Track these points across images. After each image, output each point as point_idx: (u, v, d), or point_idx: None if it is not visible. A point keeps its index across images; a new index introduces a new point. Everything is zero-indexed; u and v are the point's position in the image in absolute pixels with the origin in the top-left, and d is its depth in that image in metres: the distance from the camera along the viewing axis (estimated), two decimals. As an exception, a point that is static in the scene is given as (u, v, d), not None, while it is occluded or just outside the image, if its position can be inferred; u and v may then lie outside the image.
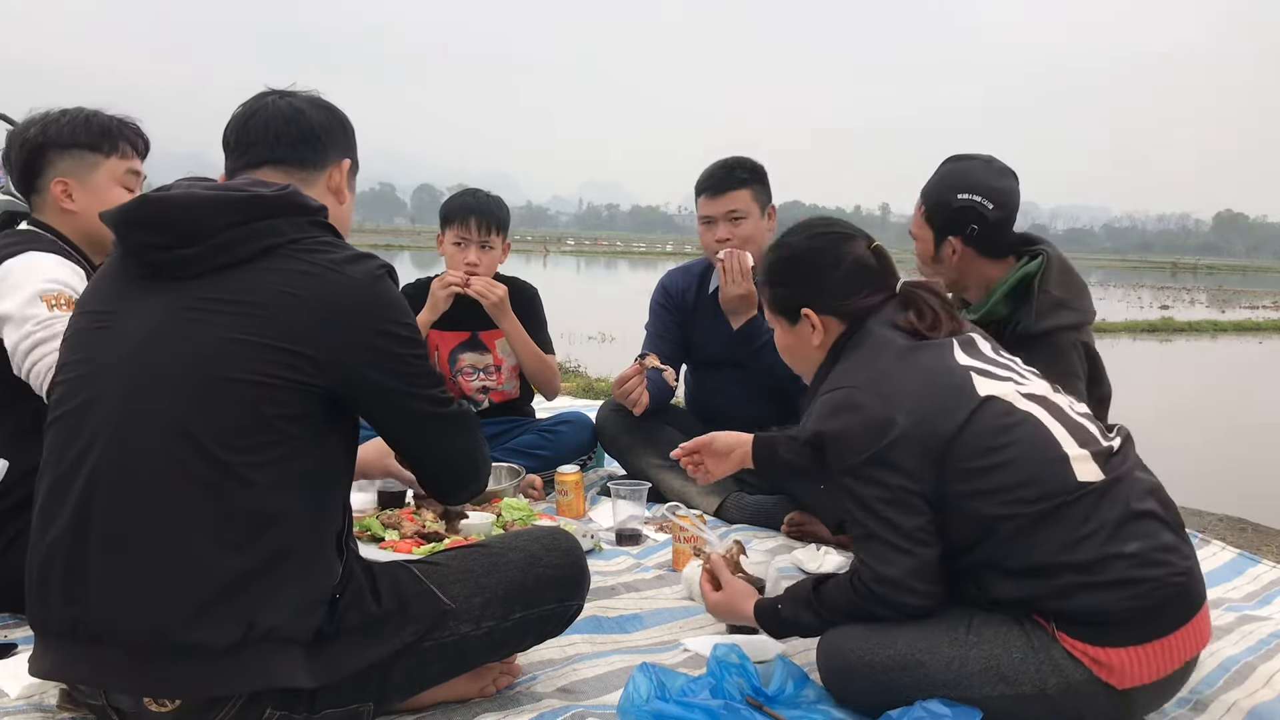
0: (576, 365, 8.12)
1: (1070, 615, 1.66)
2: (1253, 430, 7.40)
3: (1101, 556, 1.63)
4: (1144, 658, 1.66)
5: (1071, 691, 1.66)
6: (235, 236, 1.43)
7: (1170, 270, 62.86)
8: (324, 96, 1.73)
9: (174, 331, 1.42)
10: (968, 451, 1.68)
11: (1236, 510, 3.90)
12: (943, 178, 2.51)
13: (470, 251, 3.33)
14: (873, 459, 1.70)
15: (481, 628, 1.67)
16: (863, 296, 1.89)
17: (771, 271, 2.00)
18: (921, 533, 1.70)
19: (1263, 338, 15.88)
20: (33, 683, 1.79)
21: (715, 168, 3.29)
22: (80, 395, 1.45)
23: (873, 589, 1.73)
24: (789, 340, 2.00)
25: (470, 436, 1.67)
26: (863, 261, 1.92)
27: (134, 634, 1.39)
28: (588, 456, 3.54)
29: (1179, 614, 1.68)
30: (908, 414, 1.70)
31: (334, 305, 1.43)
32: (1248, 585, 2.70)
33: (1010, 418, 1.71)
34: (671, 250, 64.26)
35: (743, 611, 1.99)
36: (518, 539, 1.81)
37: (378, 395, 1.50)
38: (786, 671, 1.80)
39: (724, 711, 1.61)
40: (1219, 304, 24.89)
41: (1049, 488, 1.66)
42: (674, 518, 2.72)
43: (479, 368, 3.50)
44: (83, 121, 2.26)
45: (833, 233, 1.97)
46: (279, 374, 1.40)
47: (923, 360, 1.78)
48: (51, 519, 1.44)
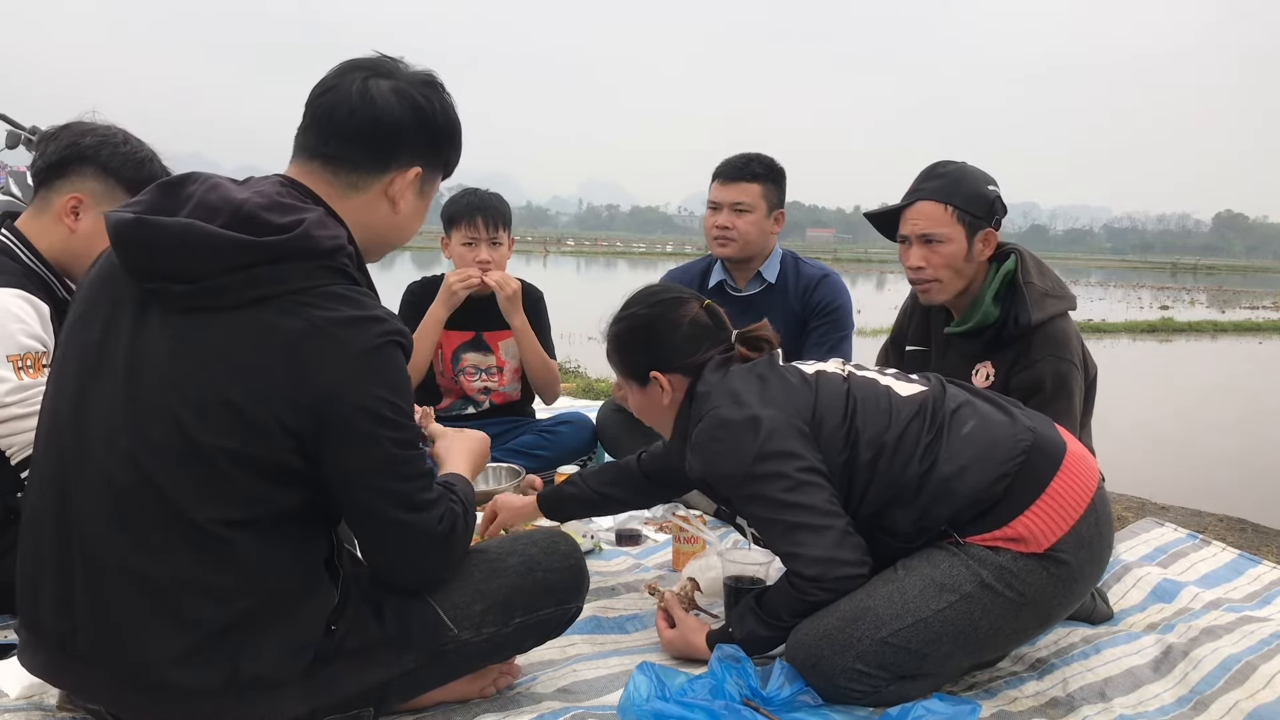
0: (576, 365, 8.12)
1: (961, 516, 1.84)
2: (1253, 431, 7.39)
3: (950, 447, 1.85)
4: (1040, 515, 1.82)
5: (1007, 573, 1.81)
6: (231, 283, 1.32)
7: (1170, 270, 62.87)
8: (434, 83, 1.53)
9: (156, 381, 1.34)
10: (830, 420, 1.89)
11: (1236, 510, 3.90)
12: (960, 176, 2.50)
13: (481, 249, 3.34)
14: (760, 455, 1.84)
15: (482, 634, 1.66)
16: (703, 352, 2.04)
17: (619, 341, 2.13)
18: (831, 504, 1.85)
19: (1263, 338, 15.88)
20: (33, 683, 1.79)
21: (735, 157, 3.34)
22: (61, 418, 1.41)
23: (805, 574, 1.83)
24: (643, 402, 2.14)
25: (441, 559, 1.54)
26: (698, 321, 2.07)
27: (119, 665, 1.38)
28: (588, 456, 3.53)
29: (1045, 464, 1.87)
30: (768, 407, 1.88)
31: (319, 372, 1.32)
32: (1248, 585, 2.69)
33: (845, 382, 1.97)
34: (671, 250, 64.23)
35: (696, 646, 2.03)
36: (516, 543, 1.79)
37: (341, 476, 1.38)
38: (784, 673, 1.80)
39: (724, 711, 1.61)
40: (1219, 304, 24.90)
41: (892, 412, 1.90)
42: (674, 518, 2.72)
43: (481, 368, 3.50)
44: (136, 161, 2.20)
45: (670, 298, 2.11)
46: (253, 438, 1.32)
47: (758, 370, 1.98)
48: (39, 540, 1.43)
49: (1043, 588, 1.82)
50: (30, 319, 2.04)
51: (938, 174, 2.52)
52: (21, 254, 2.14)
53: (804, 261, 3.46)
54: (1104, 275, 50.26)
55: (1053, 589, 1.84)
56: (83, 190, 2.16)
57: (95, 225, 2.15)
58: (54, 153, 2.16)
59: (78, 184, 2.16)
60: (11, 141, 3.88)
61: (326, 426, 1.34)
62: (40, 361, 2.04)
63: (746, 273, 3.40)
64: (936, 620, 1.78)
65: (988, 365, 2.49)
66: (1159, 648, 2.11)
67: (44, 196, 2.19)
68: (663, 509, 2.87)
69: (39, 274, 2.15)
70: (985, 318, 2.45)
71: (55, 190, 2.17)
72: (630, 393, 2.16)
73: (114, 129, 2.21)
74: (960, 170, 2.51)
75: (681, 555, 2.63)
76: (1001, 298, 2.46)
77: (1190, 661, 2.06)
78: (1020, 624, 1.85)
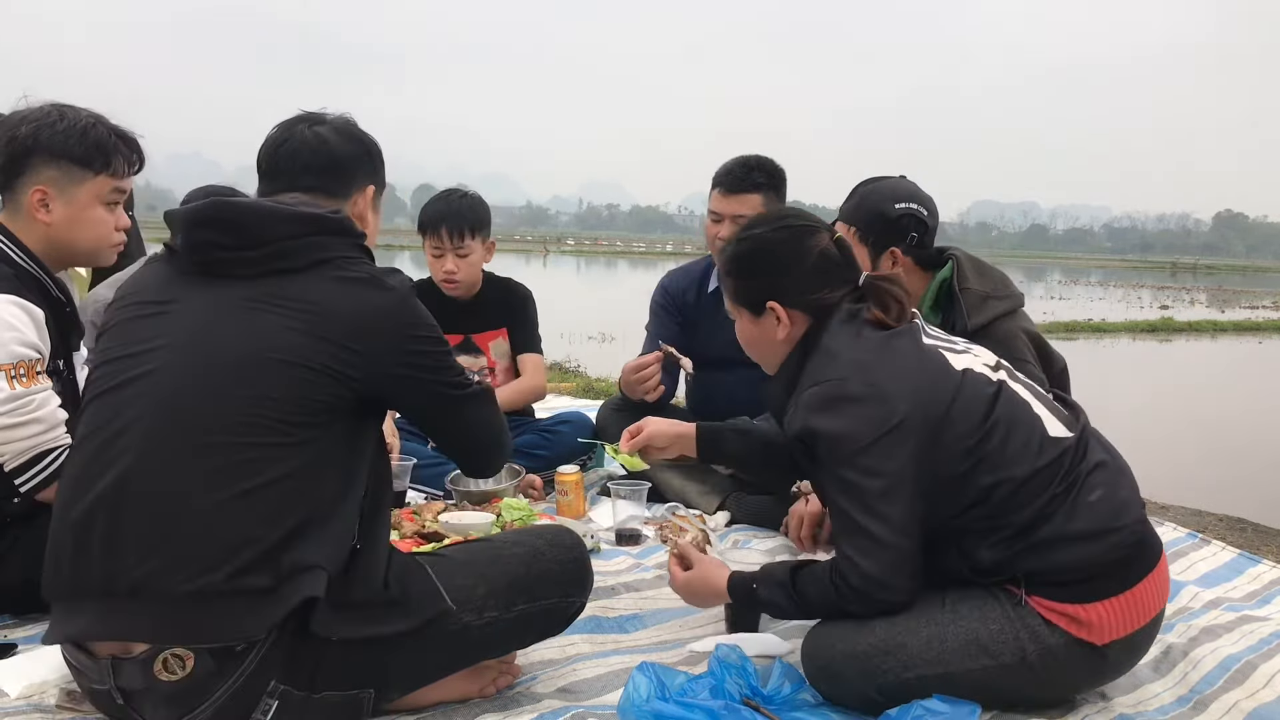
0: (576, 365, 8.12)
1: (1044, 576, 1.72)
2: (1252, 430, 7.40)
3: (1072, 509, 1.71)
4: (1117, 610, 1.72)
5: (1050, 655, 1.72)
6: (293, 247, 1.58)
7: (1170, 270, 62.88)
8: (354, 122, 1.85)
9: (235, 317, 1.55)
10: (959, 427, 1.73)
11: (1236, 510, 3.90)
12: (869, 194, 2.52)
13: (447, 260, 3.32)
14: (871, 447, 1.71)
15: (484, 618, 1.69)
16: (829, 290, 1.89)
17: (737, 263, 1.97)
18: (908, 525, 1.72)
19: (1263, 338, 15.88)
20: (33, 682, 1.79)
21: (736, 165, 3.27)
22: (130, 372, 1.55)
23: (851, 584, 1.74)
24: (752, 332, 1.99)
25: (491, 410, 1.84)
26: (828, 254, 1.91)
27: (175, 583, 1.45)
28: (587, 456, 3.54)
29: (1143, 563, 1.76)
30: (902, 399, 1.72)
31: (376, 311, 1.59)
32: (1248, 585, 2.70)
33: (989, 388, 1.78)
34: (671, 250, 64.28)
35: (716, 582, 1.97)
36: (522, 535, 1.86)
37: (410, 386, 1.66)
38: (784, 673, 1.81)
39: (724, 711, 1.61)
40: (1219, 304, 24.90)
41: (1033, 449, 1.73)
42: (674, 518, 2.72)
43: (473, 370, 3.50)
44: (79, 132, 2.11)
45: (799, 225, 1.95)
46: (327, 363, 1.54)
47: (901, 346, 1.80)
48: (92, 481, 1.51)
49: (1076, 673, 1.77)
50: (25, 326, 2.02)
51: (853, 193, 2.56)
52: (14, 255, 2.11)
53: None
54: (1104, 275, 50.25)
55: (1084, 676, 1.80)
56: (42, 181, 2.11)
57: (68, 211, 2.14)
58: None
59: (34, 177, 2.11)
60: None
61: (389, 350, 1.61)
62: (34, 369, 2.01)
63: None
64: (965, 679, 1.72)
65: None
66: (1159, 647, 2.11)
67: (11, 198, 2.15)
68: (663, 509, 2.88)
69: (33, 274, 2.13)
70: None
71: (18, 190, 2.13)
72: (740, 321, 2.00)
73: (47, 109, 2.13)
74: (869, 190, 2.54)
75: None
76: (941, 305, 2.47)
77: (1190, 661, 2.06)
78: (1039, 693, 1.81)
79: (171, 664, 1.47)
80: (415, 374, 1.66)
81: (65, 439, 2.03)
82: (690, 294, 3.48)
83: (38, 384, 2.01)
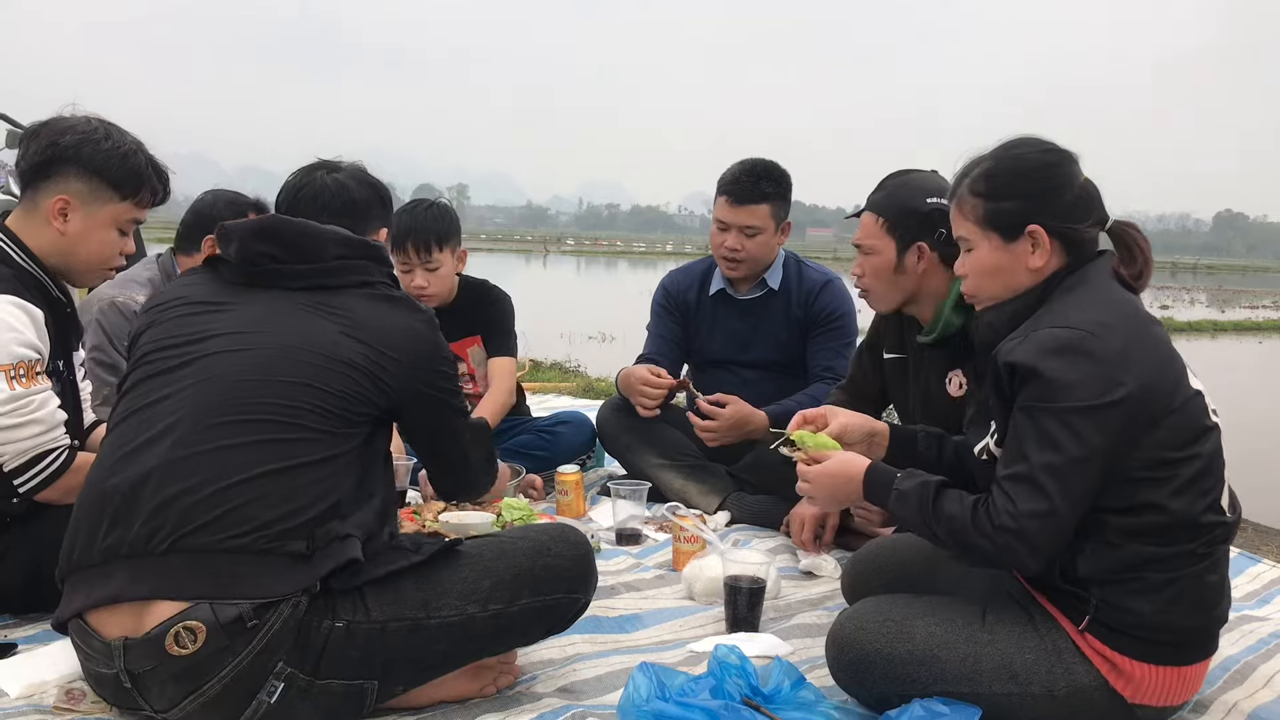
0: (576, 365, 8.12)
1: (1119, 618, 1.67)
2: (1252, 430, 7.39)
3: (1194, 577, 1.67)
4: (1164, 680, 1.69)
5: (1078, 696, 1.68)
6: (339, 266, 1.76)
7: (1170, 270, 62.85)
8: (365, 169, 2.03)
9: (292, 315, 1.71)
10: (1164, 439, 1.64)
11: (1236, 510, 3.90)
12: (900, 186, 2.49)
13: (416, 275, 3.22)
14: (1086, 411, 1.60)
15: (488, 610, 1.70)
16: (1089, 225, 1.78)
17: (995, 181, 1.81)
18: (1081, 501, 1.63)
19: (1263, 338, 15.89)
20: (32, 682, 1.80)
21: (742, 173, 3.22)
22: (185, 355, 1.68)
23: (996, 522, 1.63)
24: (997, 259, 1.81)
25: (484, 442, 2.05)
26: (1089, 187, 1.79)
27: (216, 542, 1.54)
28: (587, 456, 3.54)
29: (1205, 649, 1.74)
30: (1136, 379, 1.62)
31: (411, 329, 1.78)
32: (1248, 585, 2.70)
33: (1208, 422, 1.70)
34: (671, 250, 64.25)
35: (854, 472, 1.85)
36: (527, 531, 1.89)
37: (427, 403, 1.82)
38: (784, 672, 1.80)
39: (724, 711, 1.61)
40: (1219, 304, 24.91)
41: (1205, 504, 1.67)
42: (674, 517, 2.72)
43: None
44: (120, 156, 2.11)
45: (1064, 151, 1.81)
46: (368, 367, 1.69)
47: (1156, 333, 1.72)
48: (144, 448, 1.61)
49: (1098, 718, 1.72)
50: (25, 327, 2.01)
51: (883, 184, 2.53)
52: (15, 255, 2.10)
53: (806, 265, 3.44)
54: (1104, 275, 50.03)
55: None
56: (68, 191, 2.09)
57: (84, 225, 2.11)
58: (35, 153, 2.10)
59: (62, 185, 2.09)
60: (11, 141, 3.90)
61: (417, 371, 1.77)
62: (34, 370, 2.00)
63: (750, 279, 3.39)
64: (988, 700, 1.70)
65: (959, 374, 2.49)
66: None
67: (31, 198, 2.13)
68: (663, 509, 2.88)
69: (33, 275, 2.11)
70: (947, 327, 2.43)
71: (41, 192, 2.11)
72: (980, 248, 1.83)
73: (94, 123, 2.14)
74: (900, 183, 2.50)
75: (681, 555, 2.63)
76: (965, 307, 2.46)
77: (1190, 661, 2.06)
78: None
79: (184, 637, 1.50)
80: (436, 393, 1.82)
81: (65, 439, 2.03)
82: (691, 294, 3.47)
83: (37, 384, 2.00)
